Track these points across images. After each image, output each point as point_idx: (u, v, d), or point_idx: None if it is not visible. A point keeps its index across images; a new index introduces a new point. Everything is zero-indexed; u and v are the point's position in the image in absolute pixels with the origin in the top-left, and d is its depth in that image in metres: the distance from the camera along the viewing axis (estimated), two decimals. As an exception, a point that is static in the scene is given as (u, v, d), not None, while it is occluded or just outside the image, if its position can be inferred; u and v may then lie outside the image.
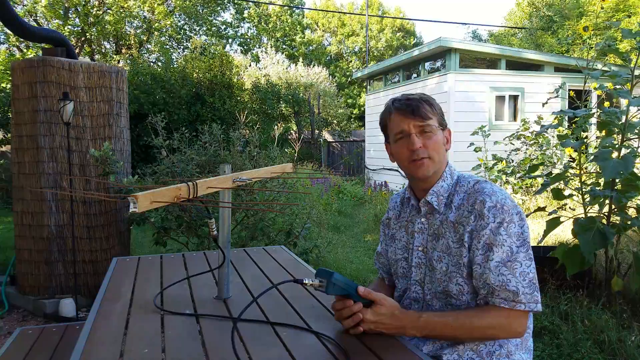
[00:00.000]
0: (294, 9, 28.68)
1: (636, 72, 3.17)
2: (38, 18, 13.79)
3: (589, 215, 3.29)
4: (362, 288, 1.20)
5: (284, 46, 27.79)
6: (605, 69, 3.29)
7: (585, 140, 3.39)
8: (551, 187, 3.31)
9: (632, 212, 3.20)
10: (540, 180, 6.33)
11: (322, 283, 1.17)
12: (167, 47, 16.81)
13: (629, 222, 3.11)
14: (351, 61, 28.54)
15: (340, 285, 1.17)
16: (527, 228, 1.26)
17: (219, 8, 17.75)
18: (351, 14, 28.54)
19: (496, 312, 1.21)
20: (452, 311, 1.29)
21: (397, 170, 9.64)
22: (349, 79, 25.90)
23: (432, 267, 1.34)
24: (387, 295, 1.30)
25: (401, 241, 1.45)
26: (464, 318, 1.22)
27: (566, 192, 3.56)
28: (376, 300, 1.20)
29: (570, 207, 3.76)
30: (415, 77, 10.23)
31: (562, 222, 3.25)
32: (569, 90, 5.34)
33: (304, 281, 1.18)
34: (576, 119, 3.45)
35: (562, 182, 3.38)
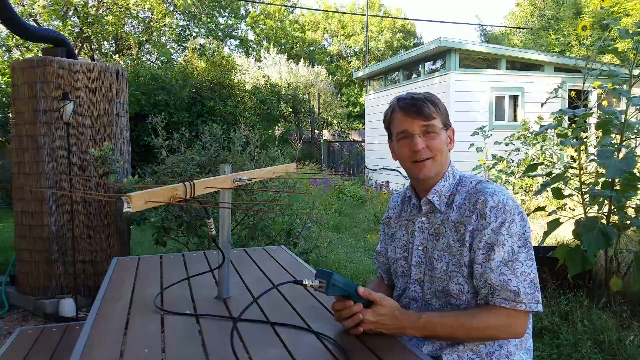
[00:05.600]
0: (293, 9, 28.67)
1: (634, 72, 3.17)
2: (38, 18, 13.79)
3: (589, 215, 3.29)
4: (362, 288, 1.20)
5: (284, 46, 27.79)
6: (604, 68, 3.29)
7: (585, 140, 3.39)
8: (551, 187, 3.31)
9: (631, 212, 3.20)
10: (540, 180, 6.33)
11: (322, 284, 1.17)
12: (167, 47, 16.80)
13: (628, 222, 3.11)
14: (351, 61, 28.53)
15: (340, 285, 1.17)
16: (529, 228, 1.26)
17: (215, 11, 17.73)
18: (351, 14, 28.53)
19: (497, 312, 1.21)
20: (452, 311, 1.29)
21: (397, 170, 9.64)
22: (349, 79, 25.89)
23: (432, 266, 1.34)
24: (386, 294, 1.30)
25: (401, 240, 1.45)
26: (465, 318, 1.22)
27: (566, 192, 3.56)
28: (376, 301, 1.20)
29: (570, 207, 3.75)
30: (415, 77, 10.23)
31: (562, 222, 3.24)
32: (569, 90, 5.33)
33: (304, 282, 1.18)
34: (576, 118, 3.45)
35: (562, 182, 3.37)
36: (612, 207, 3.20)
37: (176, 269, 1.85)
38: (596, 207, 3.27)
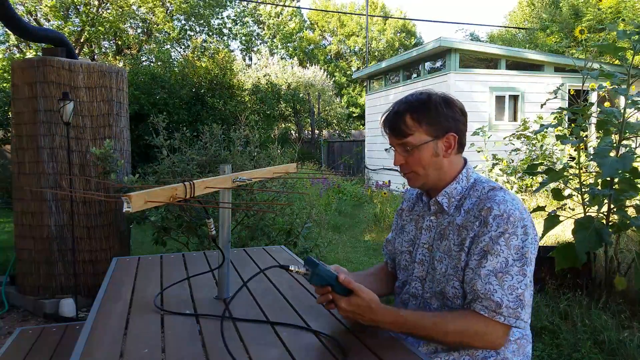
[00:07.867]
0: (290, 8, 28.66)
1: (632, 72, 3.18)
2: (38, 18, 13.79)
3: (588, 214, 3.29)
4: (342, 276, 1.20)
5: (284, 44, 27.77)
6: (606, 67, 3.30)
7: (584, 139, 3.40)
8: (551, 187, 3.31)
9: (631, 211, 3.20)
10: (540, 180, 6.34)
11: (307, 271, 1.21)
12: (167, 47, 16.79)
13: (627, 222, 3.10)
14: (351, 61, 28.51)
15: (323, 275, 1.20)
16: (531, 244, 1.21)
17: (218, 9, 17.73)
18: (351, 14, 28.52)
19: (474, 318, 1.18)
20: (432, 312, 1.28)
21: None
22: (349, 79, 25.88)
23: (434, 266, 1.34)
24: (387, 280, 1.30)
25: (409, 234, 1.45)
26: (440, 319, 1.21)
27: (566, 192, 3.56)
28: (354, 290, 1.20)
29: (570, 207, 3.76)
30: (415, 77, 10.23)
31: (561, 221, 3.25)
32: (569, 90, 5.34)
33: (290, 267, 1.23)
34: (575, 117, 3.46)
35: (561, 182, 3.38)
36: (612, 207, 3.20)
37: (176, 269, 1.85)
38: (596, 206, 3.27)
